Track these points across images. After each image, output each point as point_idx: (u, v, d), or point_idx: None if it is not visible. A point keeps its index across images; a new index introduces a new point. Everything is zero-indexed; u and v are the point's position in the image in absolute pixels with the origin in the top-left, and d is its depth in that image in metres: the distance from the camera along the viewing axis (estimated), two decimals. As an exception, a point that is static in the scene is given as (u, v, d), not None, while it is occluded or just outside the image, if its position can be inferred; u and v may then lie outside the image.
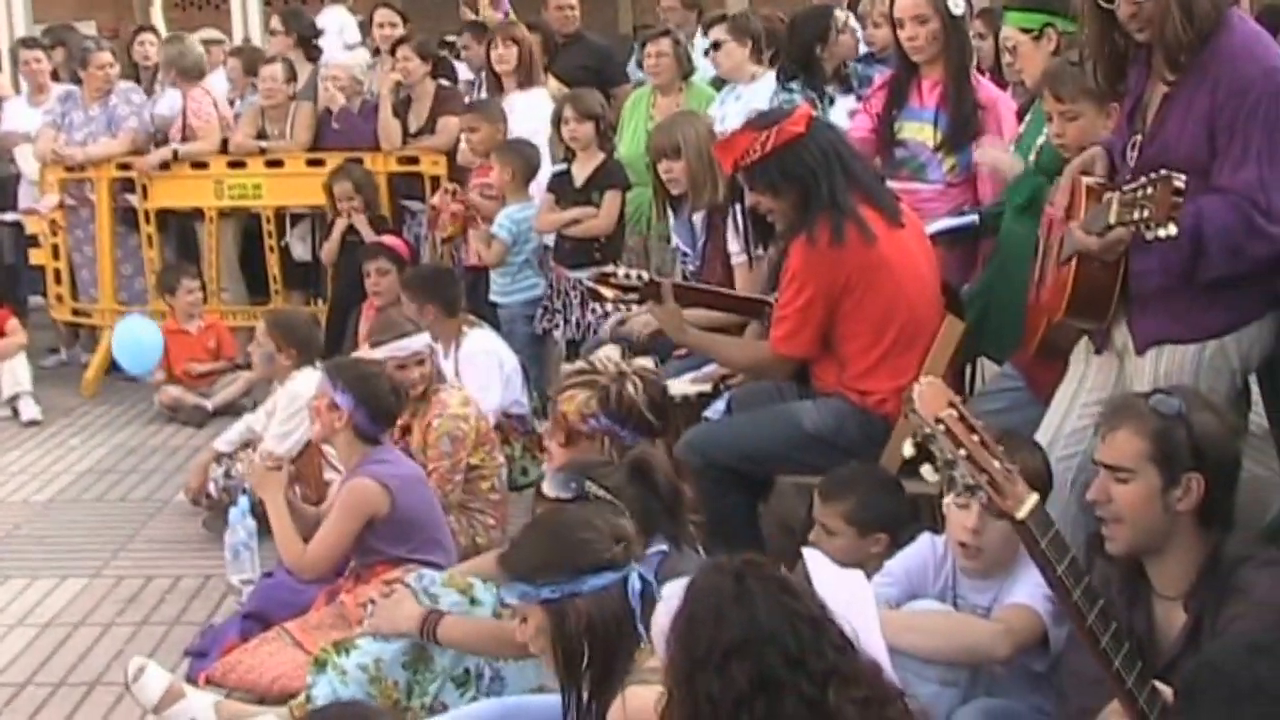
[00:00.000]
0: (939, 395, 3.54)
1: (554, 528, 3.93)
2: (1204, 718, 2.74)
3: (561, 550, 3.79)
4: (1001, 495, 3.46)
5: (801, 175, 5.58)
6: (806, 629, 3.00)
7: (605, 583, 3.72)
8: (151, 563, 7.03)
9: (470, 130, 9.21)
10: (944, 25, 6.71)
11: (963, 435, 3.47)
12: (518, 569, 3.83)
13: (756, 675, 2.93)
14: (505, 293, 8.72)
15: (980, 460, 3.46)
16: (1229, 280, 4.48)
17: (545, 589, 3.74)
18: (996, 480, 3.45)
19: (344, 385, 5.78)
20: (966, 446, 3.46)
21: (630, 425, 5.14)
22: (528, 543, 3.93)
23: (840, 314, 5.55)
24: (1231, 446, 3.96)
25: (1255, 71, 4.37)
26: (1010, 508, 3.47)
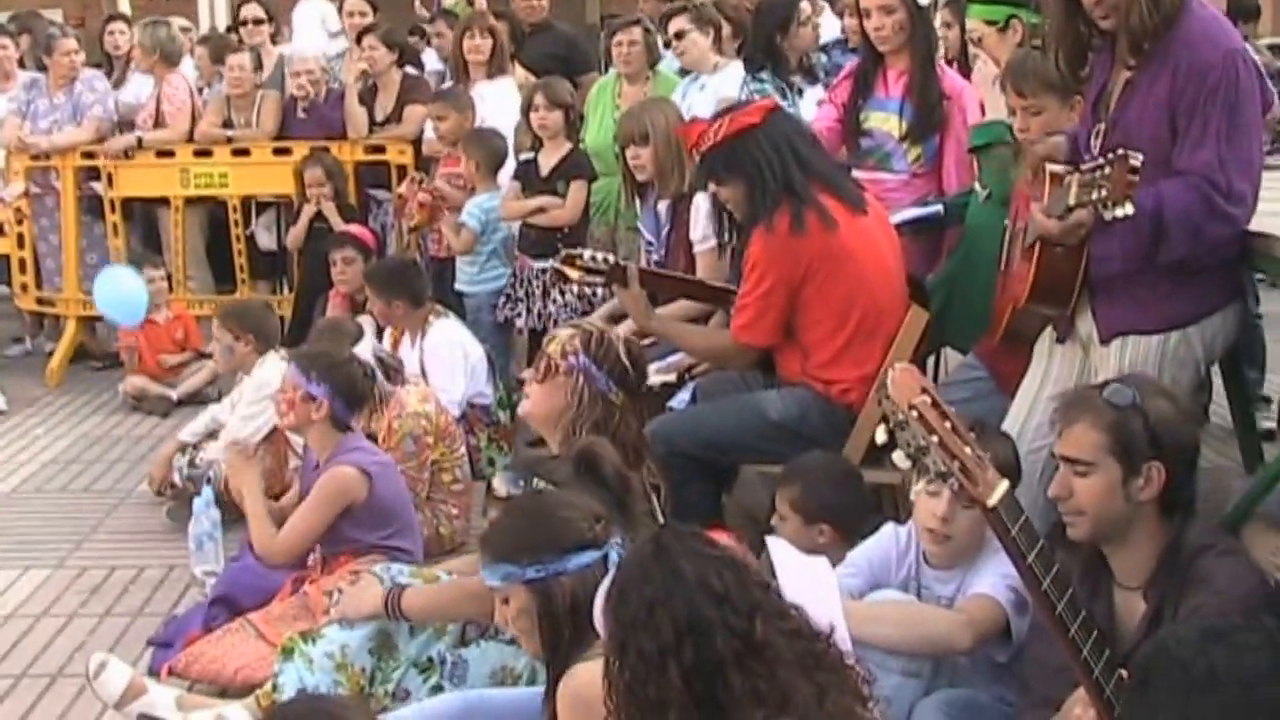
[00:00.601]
0: (912, 382, 3.55)
1: (535, 508, 3.94)
2: (1158, 703, 2.75)
3: (545, 530, 3.81)
4: (973, 482, 3.47)
5: (746, 166, 5.60)
6: (728, 570, 3.06)
7: (589, 560, 3.74)
8: (115, 553, 6.99)
9: (438, 119, 9.20)
10: (910, 16, 6.74)
11: (935, 422, 3.49)
12: (501, 550, 3.83)
13: (684, 619, 2.98)
14: (472, 282, 8.72)
15: (952, 447, 3.47)
16: (1192, 270, 4.51)
17: (531, 569, 3.75)
18: (968, 467, 3.46)
19: (318, 376, 5.77)
20: (939, 433, 3.48)
21: (606, 369, 5.09)
22: (510, 524, 3.93)
23: (802, 302, 5.56)
24: (1189, 432, 3.98)
25: (1215, 55, 4.40)
26: (981, 495, 3.48)
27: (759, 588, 3.09)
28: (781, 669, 2.99)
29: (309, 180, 9.62)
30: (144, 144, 10.44)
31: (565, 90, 8.59)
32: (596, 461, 4.33)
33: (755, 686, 2.96)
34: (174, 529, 7.04)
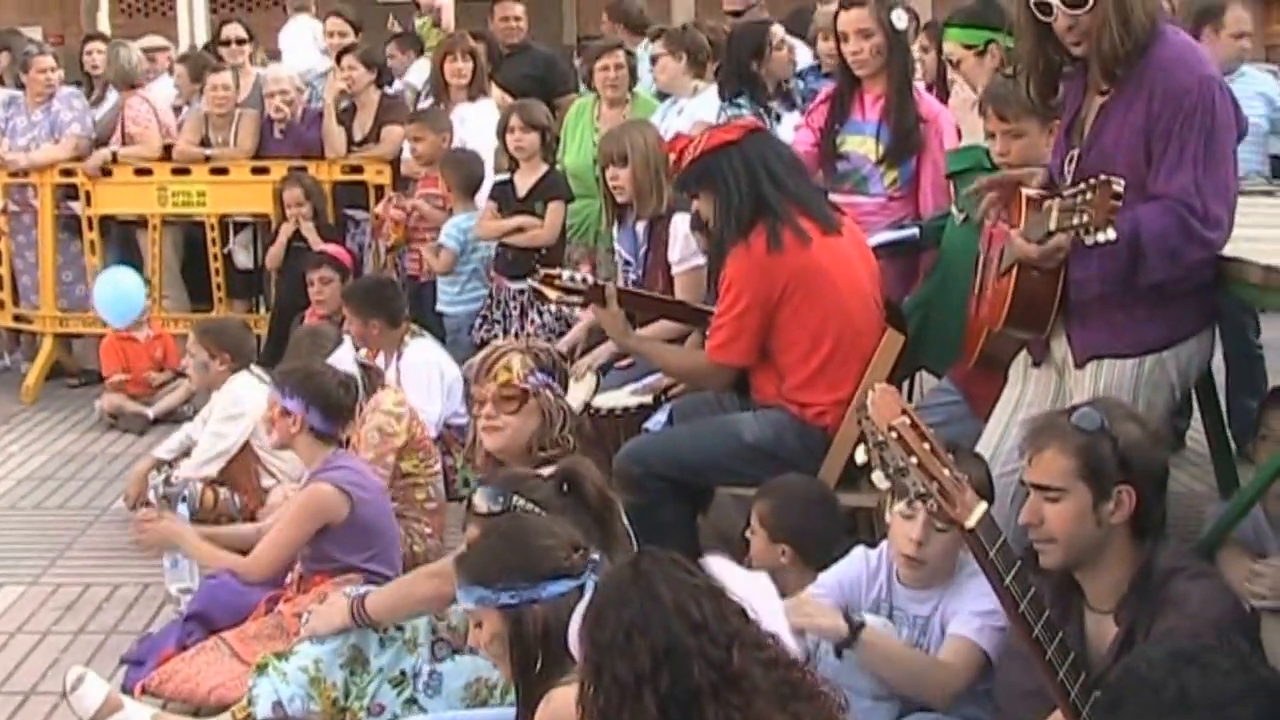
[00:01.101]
0: (892, 403, 3.57)
1: (514, 534, 3.93)
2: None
3: (522, 556, 3.81)
4: (951, 504, 3.49)
5: (715, 181, 5.64)
6: (706, 598, 3.05)
7: (563, 590, 3.74)
8: (90, 570, 6.98)
9: (415, 140, 9.22)
10: (887, 40, 6.77)
11: (914, 443, 3.50)
12: (477, 573, 3.84)
13: (661, 647, 2.97)
14: (453, 302, 8.75)
15: (931, 468, 3.49)
16: (1168, 294, 4.53)
17: (505, 594, 3.76)
18: (946, 488, 3.48)
19: (291, 389, 5.77)
20: (918, 454, 3.49)
21: (556, 376, 5.28)
22: (487, 547, 3.93)
23: (777, 324, 5.57)
24: (1158, 455, 4.01)
25: (1190, 80, 4.43)
26: (960, 516, 3.50)
27: (737, 616, 3.08)
28: (758, 699, 2.98)
29: (288, 200, 9.64)
30: (119, 159, 10.42)
31: (541, 112, 8.62)
32: (579, 480, 4.35)
33: (730, 718, 2.95)
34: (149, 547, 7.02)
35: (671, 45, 8.88)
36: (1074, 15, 4.46)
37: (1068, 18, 4.48)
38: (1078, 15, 4.46)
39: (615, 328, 6.03)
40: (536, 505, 4.27)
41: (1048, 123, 5.25)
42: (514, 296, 8.19)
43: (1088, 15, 4.44)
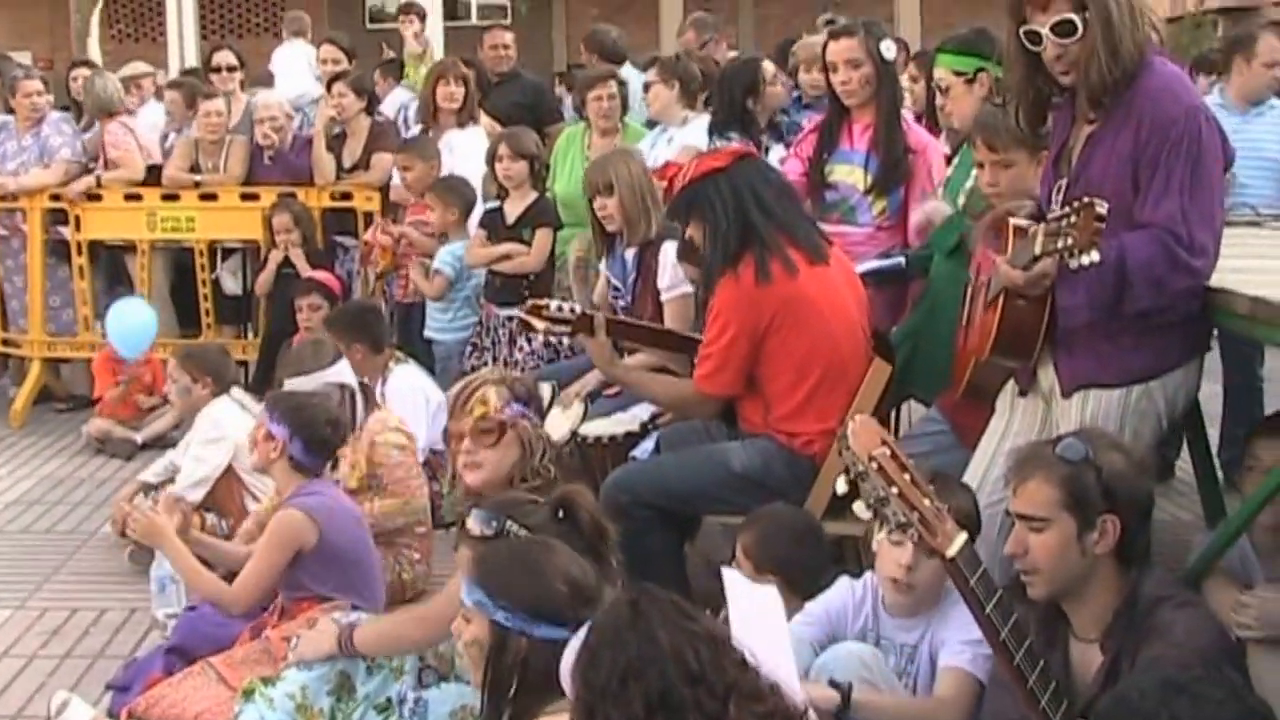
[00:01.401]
0: (872, 433, 3.59)
1: (535, 562, 3.89)
2: (1120, 755, 2.77)
3: (532, 587, 3.78)
4: (932, 533, 3.50)
5: (703, 208, 5.66)
6: (705, 647, 3.02)
7: (553, 636, 3.72)
8: (77, 595, 6.98)
9: (404, 169, 9.25)
10: (876, 70, 6.80)
11: (895, 473, 3.52)
12: (487, 578, 3.83)
13: (656, 695, 2.94)
14: (444, 330, 8.78)
15: (911, 498, 3.51)
16: (1155, 324, 4.54)
17: (501, 613, 3.75)
18: (927, 518, 3.50)
19: (279, 415, 5.75)
20: (898, 484, 3.51)
21: (532, 407, 5.33)
22: (508, 561, 3.90)
23: (765, 353, 5.58)
24: (1142, 484, 4.03)
25: (1178, 110, 4.45)
26: (940, 545, 3.51)
27: (736, 666, 3.05)
28: None
29: (277, 226, 9.66)
30: (103, 184, 10.45)
31: (530, 140, 8.65)
32: (574, 509, 4.35)
33: None
34: (136, 572, 7.03)
35: (664, 74, 8.92)
36: (1063, 45, 4.49)
37: (1056, 47, 4.50)
38: (1066, 45, 4.48)
39: (602, 357, 6.04)
40: (530, 531, 4.27)
41: (1036, 153, 5.28)
42: (503, 324, 8.21)
43: (1076, 45, 4.47)
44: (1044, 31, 4.49)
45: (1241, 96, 8.33)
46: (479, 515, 4.41)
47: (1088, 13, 4.42)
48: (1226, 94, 8.38)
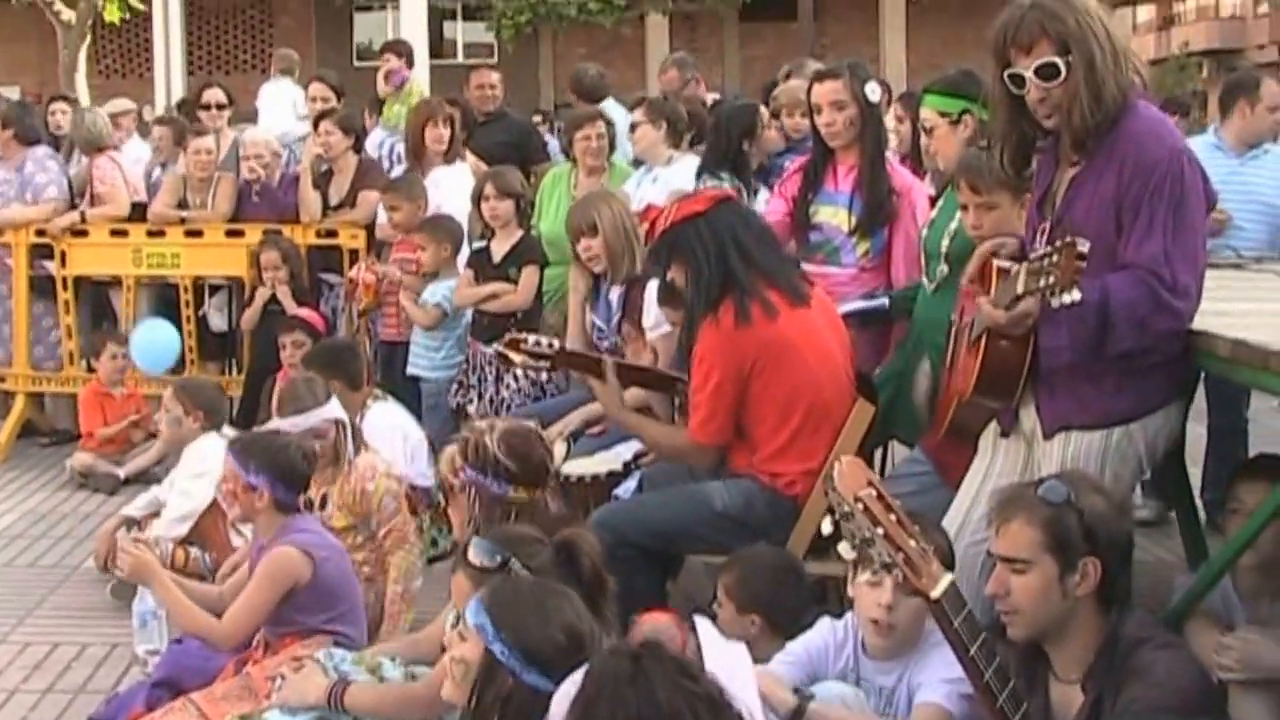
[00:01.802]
0: (859, 474, 3.61)
1: (546, 607, 3.86)
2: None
3: (534, 630, 3.78)
4: (917, 574, 3.52)
5: (684, 252, 5.68)
6: (705, 709, 3.00)
7: (539, 685, 3.72)
8: (58, 629, 6.97)
9: (391, 209, 9.26)
10: (861, 112, 6.82)
11: (880, 514, 3.53)
12: (496, 607, 3.83)
13: None
14: (434, 367, 8.77)
15: (897, 539, 3.52)
16: (1136, 366, 4.56)
17: (498, 644, 3.75)
18: (912, 559, 3.51)
19: (256, 465, 5.74)
20: (884, 525, 3.52)
21: (492, 473, 5.28)
22: (522, 597, 3.89)
23: (749, 396, 5.60)
24: (1123, 526, 4.05)
25: (1161, 151, 4.47)
26: (925, 586, 3.53)
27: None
28: None
29: (264, 263, 9.67)
30: (87, 219, 10.46)
31: (516, 180, 8.68)
32: (576, 554, 4.35)
33: None
34: (118, 606, 7.02)
35: (652, 114, 8.95)
36: (1046, 88, 4.51)
37: (1040, 90, 4.52)
38: (1049, 88, 4.50)
39: (612, 403, 6.07)
40: (531, 571, 4.28)
41: (1019, 196, 5.29)
42: (489, 361, 8.20)
43: (1059, 88, 4.49)
44: (1027, 75, 4.51)
45: (1240, 140, 8.34)
46: (483, 546, 4.43)
47: (1071, 56, 4.45)
48: (1222, 136, 8.38)
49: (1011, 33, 4.54)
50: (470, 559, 4.43)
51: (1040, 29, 4.48)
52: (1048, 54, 4.47)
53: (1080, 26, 4.46)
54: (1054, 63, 4.46)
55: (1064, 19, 4.46)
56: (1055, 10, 4.49)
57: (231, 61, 36.01)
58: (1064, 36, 4.45)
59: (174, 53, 30.36)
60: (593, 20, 23.14)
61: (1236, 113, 8.39)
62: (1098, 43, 4.45)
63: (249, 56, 35.91)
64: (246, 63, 35.63)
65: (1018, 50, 4.53)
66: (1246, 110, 8.35)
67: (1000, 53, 4.59)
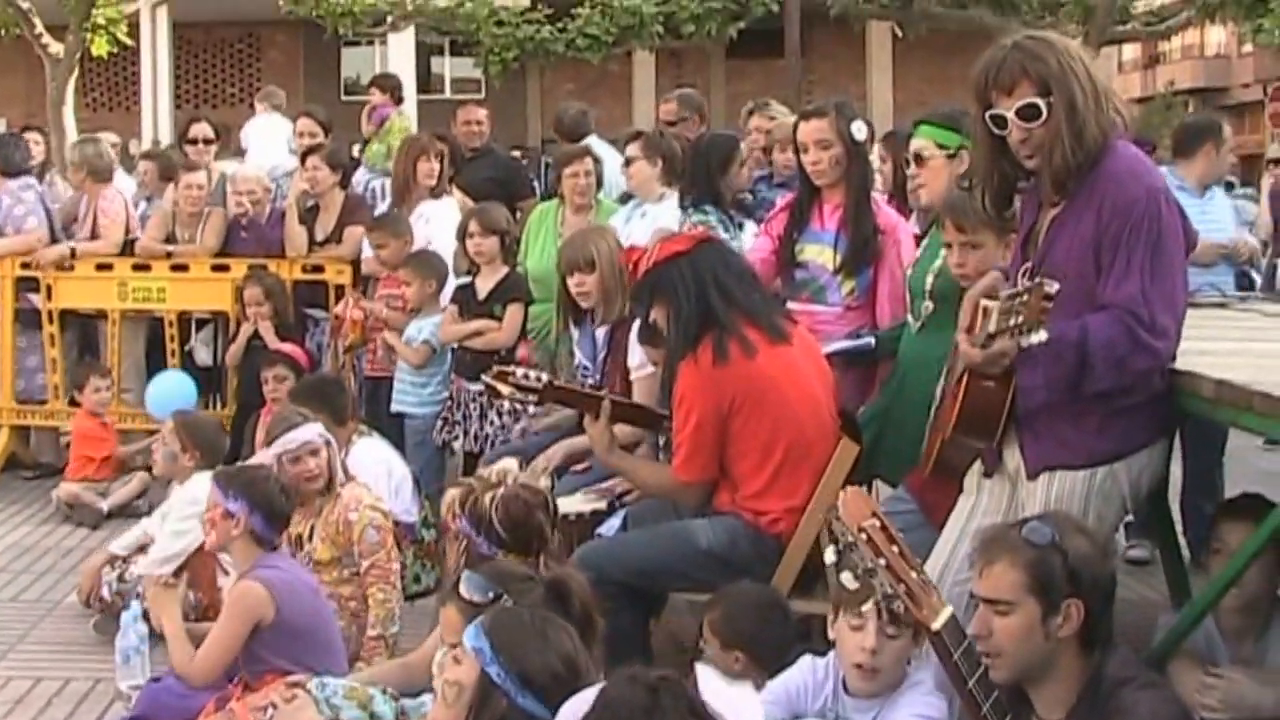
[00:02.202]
0: (863, 505, 3.62)
1: (546, 635, 3.89)
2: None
3: (533, 656, 3.80)
4: (918, 605, 3.53)
5: (667, 292, 5.69)
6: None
7: (533, 711, 3.72)
8: (41, 664, 6.94)
9: (378, 247, 9.27)
10: (847, 151, 6.83)
11: (884, 545, 3.55)
12: (496, 631, 3.83)
13: None
14: (421, 404, 8.75)
15: (899, 570, 3.53)
16: (1119, 406, 4.57)
17: (495, 665, 3.75)
18: (914, 591, 3.52)
19: (235, 492, 5.77)
20: (887, 556, 3.54)
21: (483, 534, 5.32)
22: (523, 623, 3.91)
23: (730, 434, 5.61)
24: (1106, 567, 4.06)
25: (1139, 191, 4.49)
26: (926, 618, 3.54)
27: None
28: None
29: (247, 298, 9.69)
30: (77, 255, 10.45)
31: (501, 216, 8.68)
32: (567, 594, 4.36)
33: None
34: (101, 641, 7.00)
35: (648, 150, 8.90)
36: (1027, 129, 4.53)
37: (1021, 131, 4.54)
38: (1031, 129, 4.52)
39: (601, 443, 6.06)
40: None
41: (1004, 235, 5.30)
42: (474, 398, 8.22)
43: (1041, 129, 4.51)
44: (1009, 115, 4.53)
45: (1200, 181, 8.47)
46: (476, 581, 4.43)
47: (1052, 97, 4.47)
48: (1183, 176, 8.42)
49: (993, 73, 4.56)
50: (462, 593, 4.43)
51: (1021, 70, 4.51)
52: (1029, 95, 4.49)
53: (1061, 68, 4.48)
54: (1035, 104, 4.48)
55: (1045, 60, 4.49)
56: (1037, 51, 4.52)
57: (219, 96, 36.02)
58: (1045, 77, 4.48)
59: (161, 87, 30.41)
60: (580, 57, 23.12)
61: (1202, 155, 8.53)
62: (1079, 84, 4.47)
63: (236, 91, 35.91)
64: (234, 97, 35.63)
65: (999, 91, 4.55)
66: (1213, 152, 8.52)
67: (982, 93, 4.60)
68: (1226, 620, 5.09)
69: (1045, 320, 4.15)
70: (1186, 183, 8.34)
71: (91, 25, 20.90)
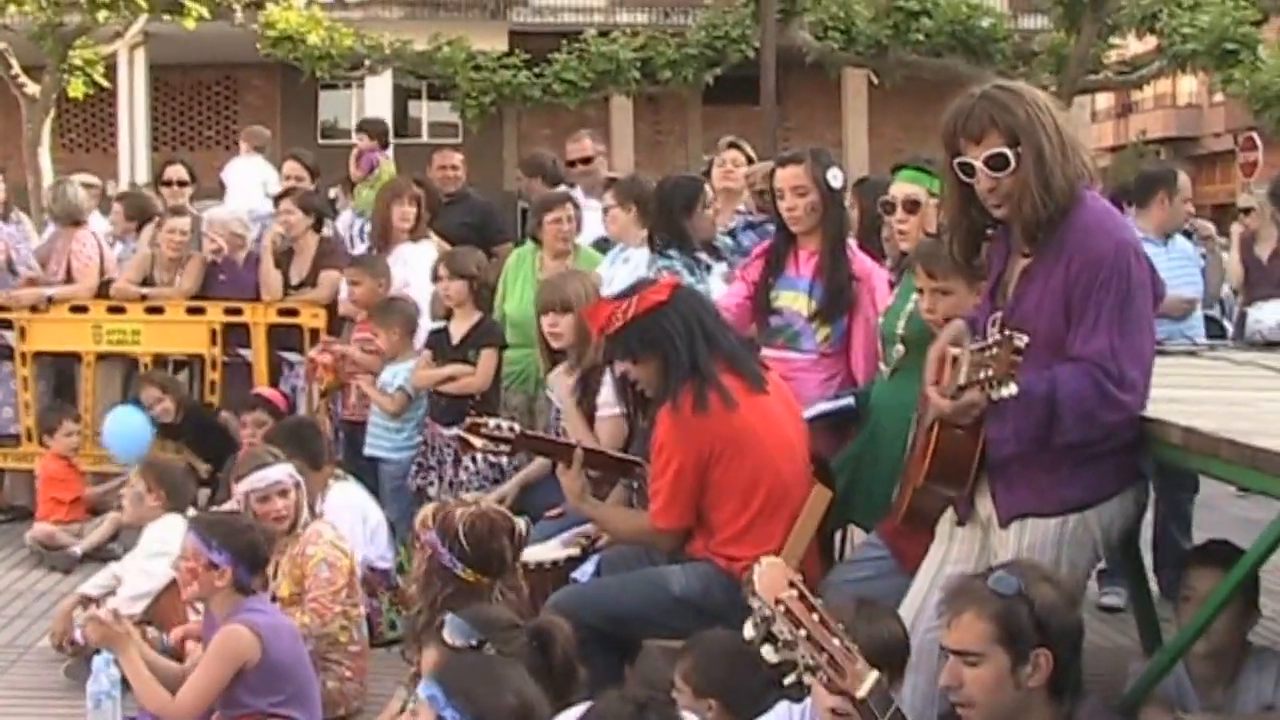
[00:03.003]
0: (779, 576, 3.60)
1: (497, 676, 3.92)
2: None
3: (486, 699, 3.82)
4: (840, 675, 3.52)
5: (660, 343, 5.70)
6: None
7: None
8: (12, 710, 6.91)
9: (353, 283, 9.27)
10: (822, 197, 6.84)
11: (802, 615, 3.53)
12: (447, 676, 3.84)
13: None
14: (396, 449, 8.74)
15: (820, 640, 3.52)
16: (1090, 454, 4.59)
17: (450, 710, 3.76)
18: (836, 660, 3.51)
19: (220, 543, 5.74)
20: (806, 626, 3.52)
21: (448, 545, 5.34)
22: (477, 670, 3.94)
23: (710, 482, 5.63)
24: (1073, 616, 4.08)
25: (1108, 245, 4.53)
26: (850, 687, 3.53)
27: None
28: None
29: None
30: (55, 300, 10.45)
31: (470, 261, 8.67)
32: (550, 642, 4.38)
33: None
34: (73, 686, 6.95)
35: (621, 197, 8.88)
36: (995, 178, 4.56)
37: (989, 180, 4.57)
38: (999, 178, 4.56)
39: (574, 491, 6.06)
40: (503, 656, 4.30)
41: (975, 282, 5.33)
42: (448, 444, 8.21)
43: (1009, 178, 4.55)
44: (977, 164, 4.57)
45: (1160, 230, 8.65)
46: (459, 626, 4.44)
47: (1020, 147, 4.51)
48: (1144, 226, 8.56)
49: (961, 122, 4.60)
50: (445, 638, 4.44)
51: (990, 120, 4.55)
52: (997, 144, 4.53)
53: (1029, 119, 4.52)
54: (1003, 153, 4.52)
55: (1013, 110, 4.53)
56: (1005, 102, 4.56)
57: (196, 138, 36.03)
58: (1013, 128, 4.52)
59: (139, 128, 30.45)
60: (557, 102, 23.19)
61: (1156, 204, 8.76)
62: (1046, 135, 4.52)
63: (214, 133, 35.93)
64: (211, 139, 35.65)
65: (967, 140, 4.59)
66: (1166, 201, 8.72)
67: (950, 141, 4.65)
68: (1196, 667, 5.11)
69: (1015, 374, 4.18)
70: (1149, 233, 8.44)
71: (69, 66, 20.94)
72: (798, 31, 22.37)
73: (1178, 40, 21.96)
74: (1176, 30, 22.00)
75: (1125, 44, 26.01)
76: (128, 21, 21.88)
